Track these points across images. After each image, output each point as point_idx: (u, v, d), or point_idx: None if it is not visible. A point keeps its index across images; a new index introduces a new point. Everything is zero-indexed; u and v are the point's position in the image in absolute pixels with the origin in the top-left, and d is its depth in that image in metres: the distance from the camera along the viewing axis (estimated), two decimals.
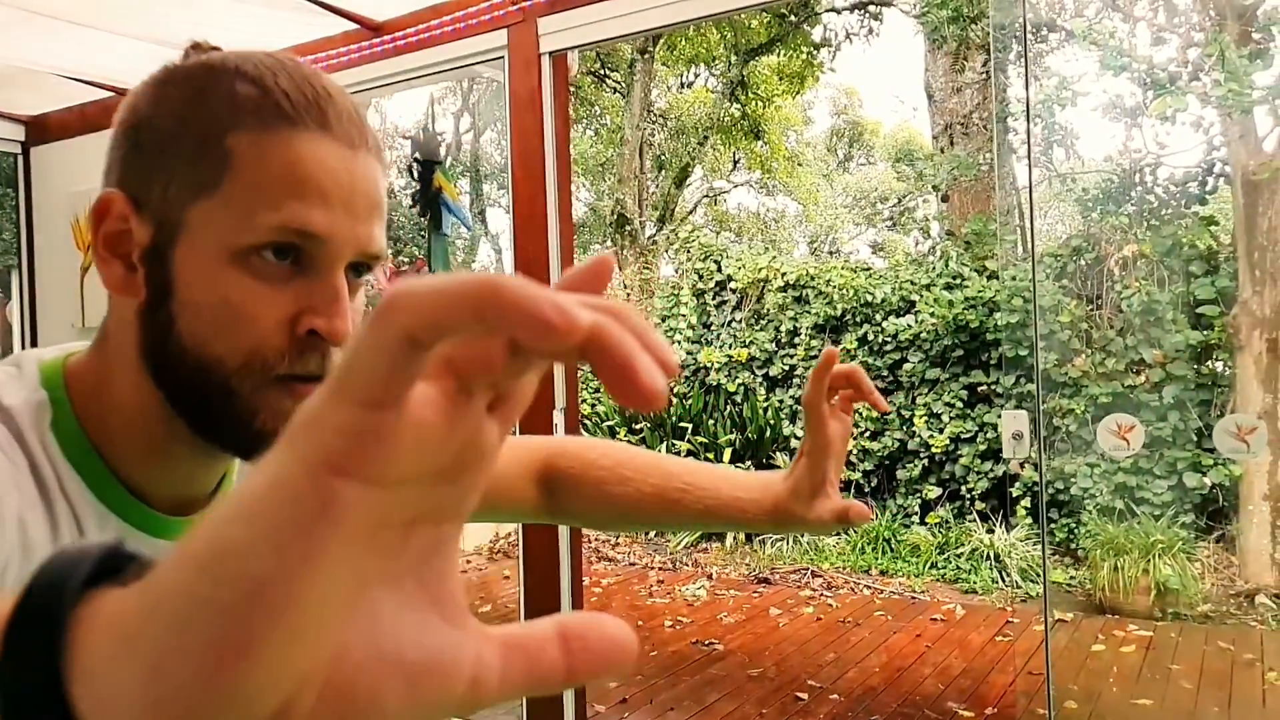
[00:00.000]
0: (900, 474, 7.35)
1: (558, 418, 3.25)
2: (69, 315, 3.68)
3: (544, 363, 0.27)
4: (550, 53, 3.29)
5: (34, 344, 3.76)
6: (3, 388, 0.62)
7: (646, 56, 12.99)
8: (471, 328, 0.22)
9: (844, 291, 7.75)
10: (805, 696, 4.37)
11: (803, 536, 7.04)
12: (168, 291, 0.61)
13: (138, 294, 0.62)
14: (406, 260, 10.89)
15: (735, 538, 7.00)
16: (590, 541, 7.32)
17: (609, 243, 14.21)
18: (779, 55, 14.26)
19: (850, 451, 7.41)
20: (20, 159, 3.85)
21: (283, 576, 0.22)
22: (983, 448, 6.94)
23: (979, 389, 7.11)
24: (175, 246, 0.60)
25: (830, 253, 16.81)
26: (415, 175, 4.30)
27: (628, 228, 12.58)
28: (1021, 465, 6.28)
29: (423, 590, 0.27)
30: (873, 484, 7.54)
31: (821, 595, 6.14)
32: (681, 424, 7.87)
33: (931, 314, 7.23)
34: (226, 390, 0.60)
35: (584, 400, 8.92)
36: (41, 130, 3.91)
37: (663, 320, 8.68)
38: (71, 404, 0.63)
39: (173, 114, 0.61)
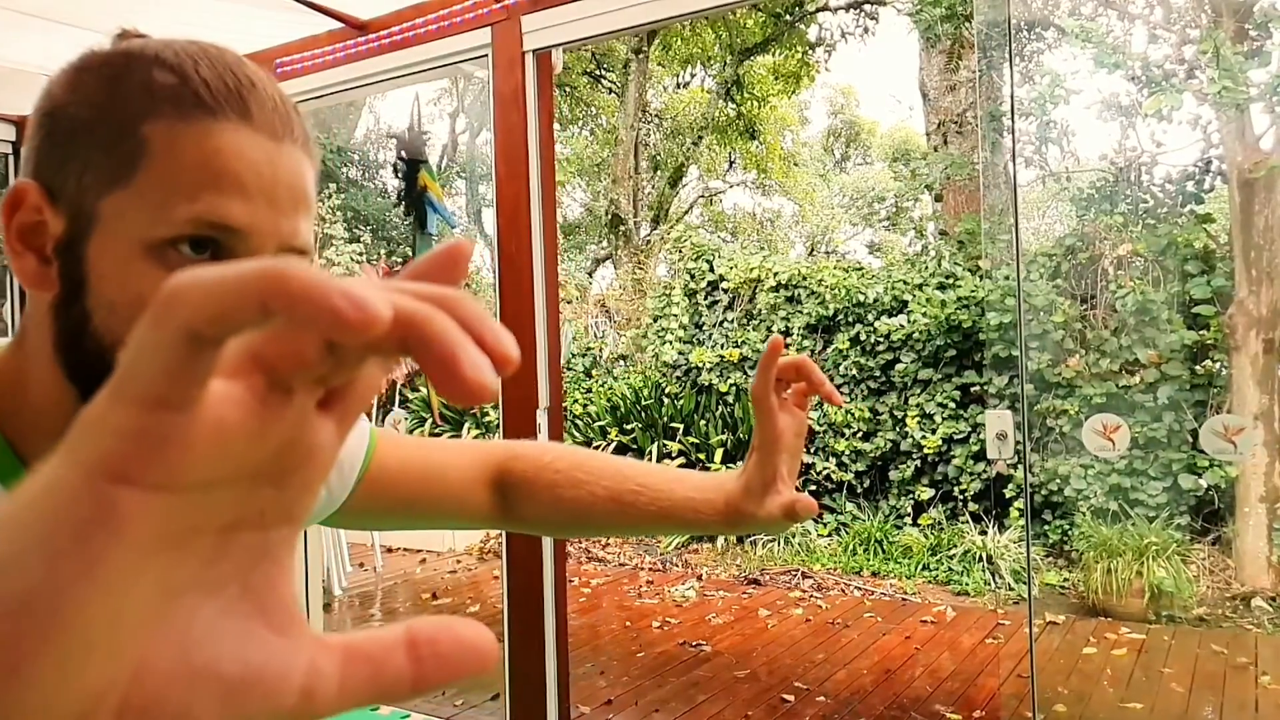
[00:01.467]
0: (893, 475, 7.33)
1: (541, 418, 3.22)
2: None
3: (378, 357, 0.25)
4: (534, 51, 3.27)
5: None
6: None
7: (641, 56, 12.97)
8: (258, 321, 0.21)
9: (836, 291, 7.73)
10: (792, 698, 4.35)
11: (793, 537, 7.02)
12: (81, 286, 0.58)
13: (52, 288, 0.59)
14: (400, 260, 10.86)
15: (726, 539, 6.98)
16: (579, 542, 7.30)
17: (603, 243, 14.18)
18: (774, 55, 14.25)
19: (842, 452, 7.41)
20: (11, 159, 3.83)
21: (54, 591, 0.21)
22: (975, 449, 6.92)
23: (972, 389, 7.09)
24: (89, 239, 0.58)
25: (827, 253, 16.79)
26: (400, 174, 4.28)
27: (622, 228, 12.55)
28: (1009, 466, 6.26)
29: (247, 599, 0.26)
30: (865, 485, 7.52)
31: (811, 596, 6.12)
32: (673, 424, 7.85)
33: (924, 314, 7.22)
34: None
35: (574, 400, 8.89)
36: None
37: (655, 320, 8.66)
38: None
39: (88, 101, 0.58)
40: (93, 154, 0.58)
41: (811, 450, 7.54)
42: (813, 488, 7.46)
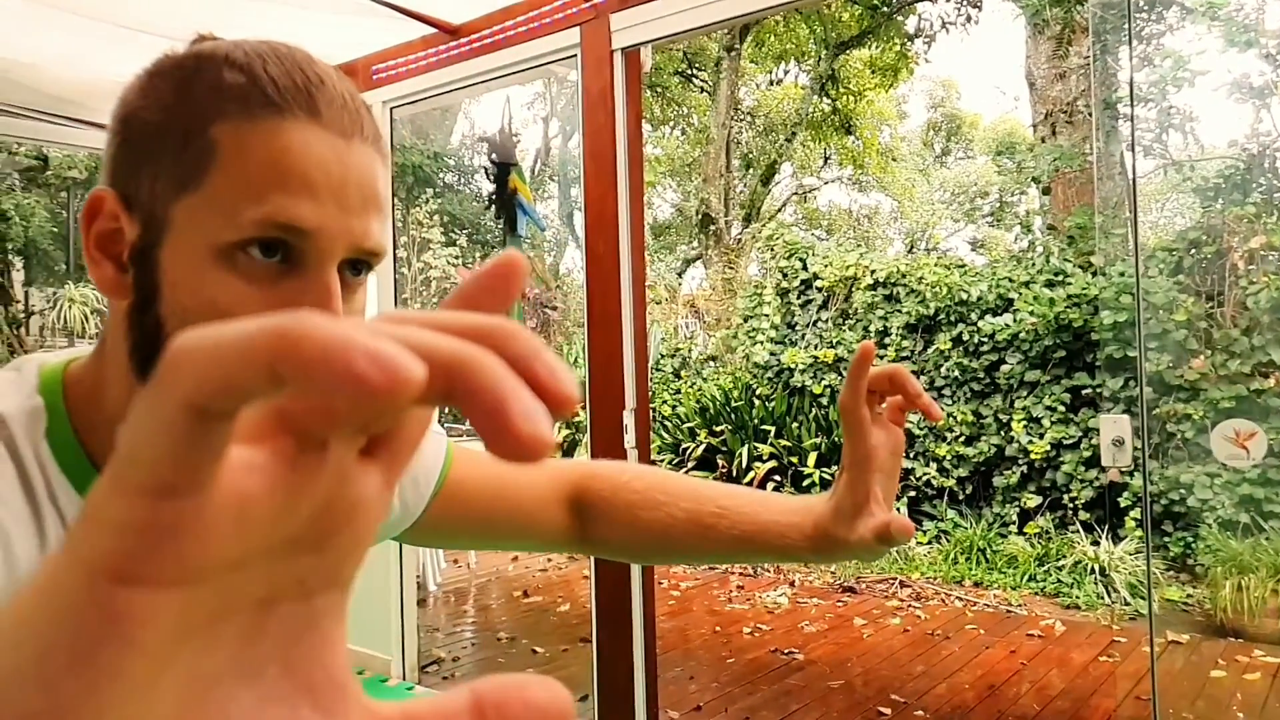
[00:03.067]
0: (997, 481, 7.04)
1: (627, 418, 3.18)
2: None
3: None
4: (622, 49, 3.23)
5: None
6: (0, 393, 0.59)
7: (733, 54, 12.83)
8: (270, 390, 0.18)
9: (937, 289, 7.46)
10: (889, 711, 4.19)
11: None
12: (155, 293, 0.58)
13: (127, 296, 0.59)
14: None
15: None
16: None
17: (694, 243, 14.10)
18: (871, 48, 13.93)
19: (943, 457, 7.15)
20: None
21: (58, 712, 0.19)
22: (1087, 454, 6.57)
23: (1083, 392, 6.74)
24: (162, 246, 0.57)
25: (927, 250, 16.32)
26: (491, 177, 4.30)
27: (712, 227, 12.45)
28: (1124, 473, 5.91)
29: (290, 677, 0.24)
30: (967, 491, 7.24)
31: (910, 606, 5.91)
32: (764, 427, 7.72)
33: (1031, 313, 6.89)
34: None
35: (663, 401, 8.84)
36: None
37: (745, 320, 8.53)
38: (68, 411, 0.61)
39: (159, 105, 0.57)
40: (164, 158, 0.57)
41: (911, 455, 7.30)
42: (912, 493, 7.22)
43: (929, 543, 6.96)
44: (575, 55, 3.33)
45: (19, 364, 0.63)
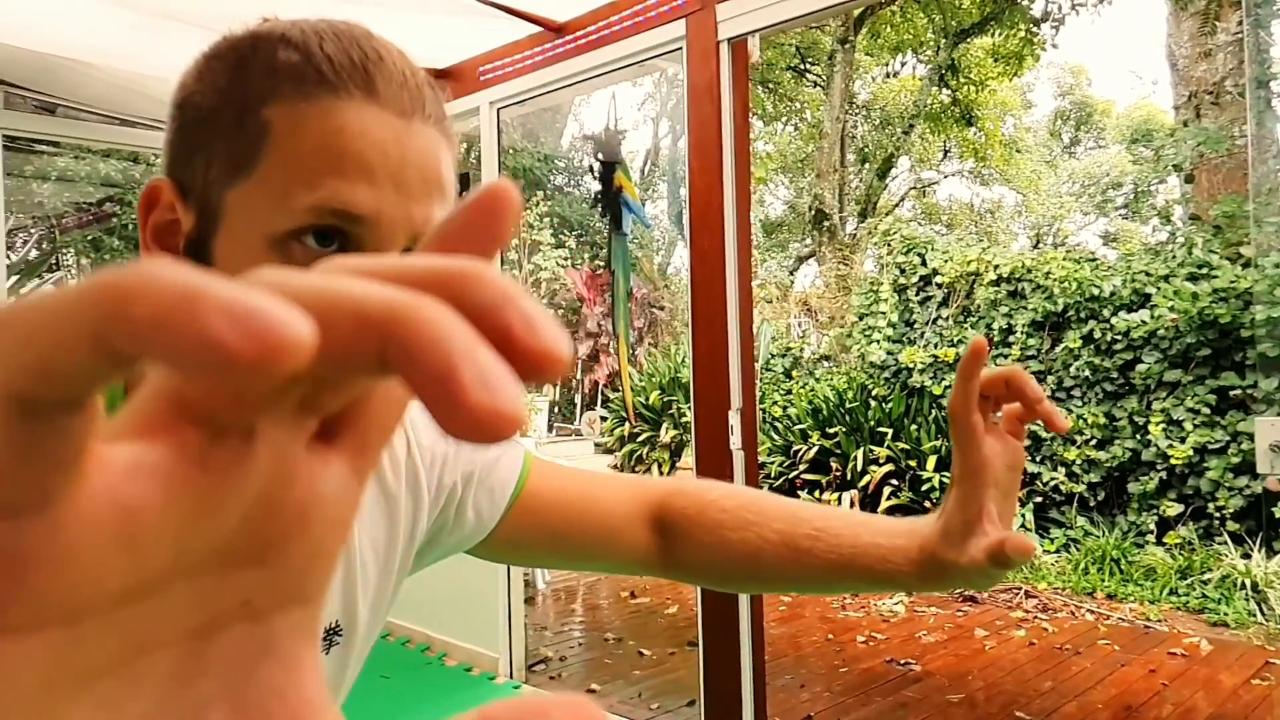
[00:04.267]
0: (1132, 487, 6.60)
1: (733, 419, 3.11)
2: None
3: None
4: (729, 40, 3.16)
5: None
6: None
7: (847, 46, 12.53)
8: (107, 370, 0.14)
9: (1065, 285, 7.06)
10: None
11: None
12: None
13: None
14: (603, 264, 11.10)
15: None
16: None
17: (807, 240, 13.85)
18: (993, 35, 13.37)
19: (1072, 461, 6.76)
20: None
21: None
22: (1236, 460, 6.08)
23: (1231, 393, 6.24)
24: (215, 236, 0.54)
25: (1055, 244, 15.57)
26: (596, 176, 4.30)
27: (826, 223, 12.18)
28: None
29: (241, 715, 0.19)
30: (1099, 498, 6.82)
31: (1036, 618, 5.60)
32: (880, 429, 7.47)
33: (1171, 308, 6.44)
34: None
35: (773, 402, 8.68)
36: None
37: (860, 318, 8.29)
38: None
39: (214, 88, 0.54)
40: (216, 144, 0.54)
41: (1036, 459, 6.94)
42: (1038, 499, 6.86)
43: (1056, 551, 6.59)
44: (680, 48, 3.28)
45: None
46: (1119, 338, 6.74)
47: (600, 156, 4.28)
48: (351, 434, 0.20)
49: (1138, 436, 6.60)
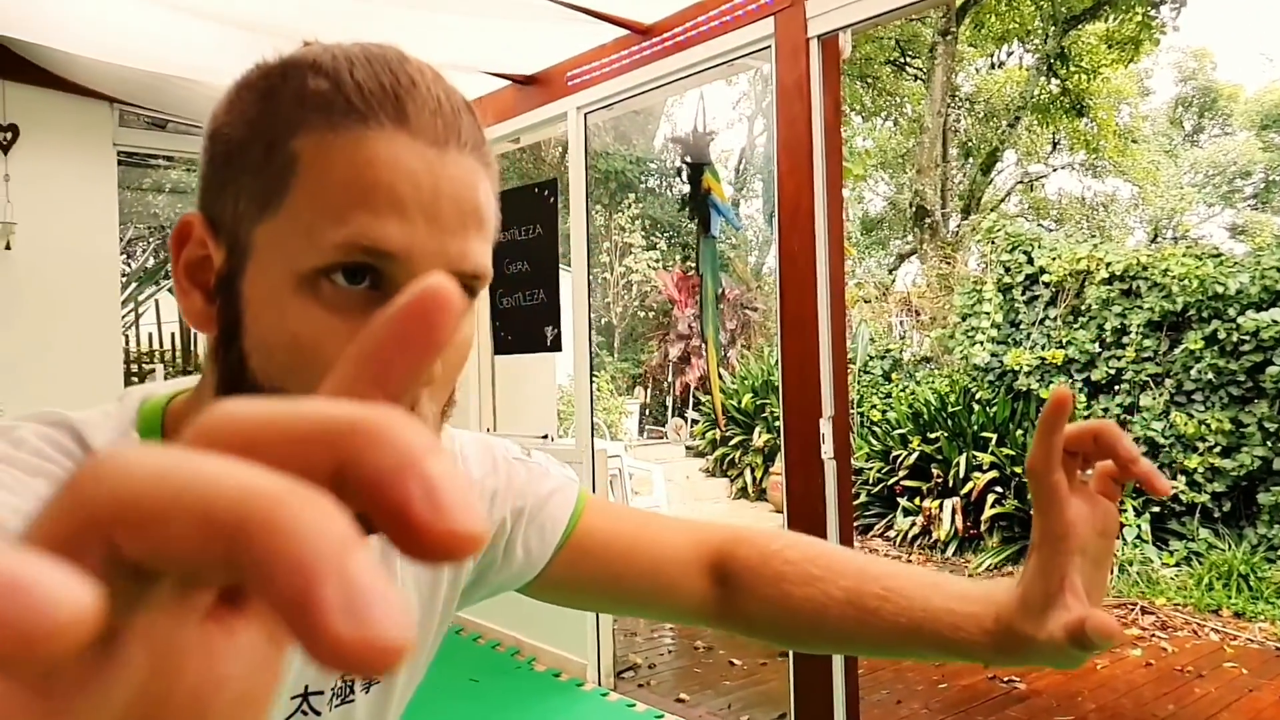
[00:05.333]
0: (1262, 498, 6.16)
1: (824, 427, 3.02)
2: None
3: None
4: (819, 36, 3.08)
5: None
6: (93, 427, 0.56)
7: (949, 38, 12.14)
8: None
9: (1186, 283, 6.64)
10: None
11: (1131, 564, 6.13)
12: (237, 326, 0.53)
13: (214, 329, 0.54)
14: (694, 267, 11.05)
15: None
16: (878, 551, 6.90)
17: (907, 237, 13.48)
18: (1107, 20, 12.74)
19: (1194, 470, 6.36)
20: None
21: None
22: None
23: None
24: (244, 274, 0.52)
25: (1174, 238, 14.75)
26: (684, 178, 4.26)
27: (927, 220, 11.83)
28: None
29: None
30: (1224, 509, 6.40)
31: (1153, 636, 5.28)
32: (984, 434, 7.19)
33: None
34: None
35: (871, 405, 8.45)
36: None
37: (963, 319, 7.99)
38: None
39: (243, 119, 0.52)
40: (245, 177, 0.52)
41: (1156, 465, 6.54)
42: (1156, 509, 6.48)
43: (1176, 565, 6.21)
44: (769, 46, 3.21)
45: (123, 395, 0.60)
46: (1246, 338, 6.31)
47: (688, 158, 4.23)
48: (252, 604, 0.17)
49: (1269, 444, 6.16)
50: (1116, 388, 7.04)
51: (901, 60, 14.63)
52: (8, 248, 3.73)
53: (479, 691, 3.73)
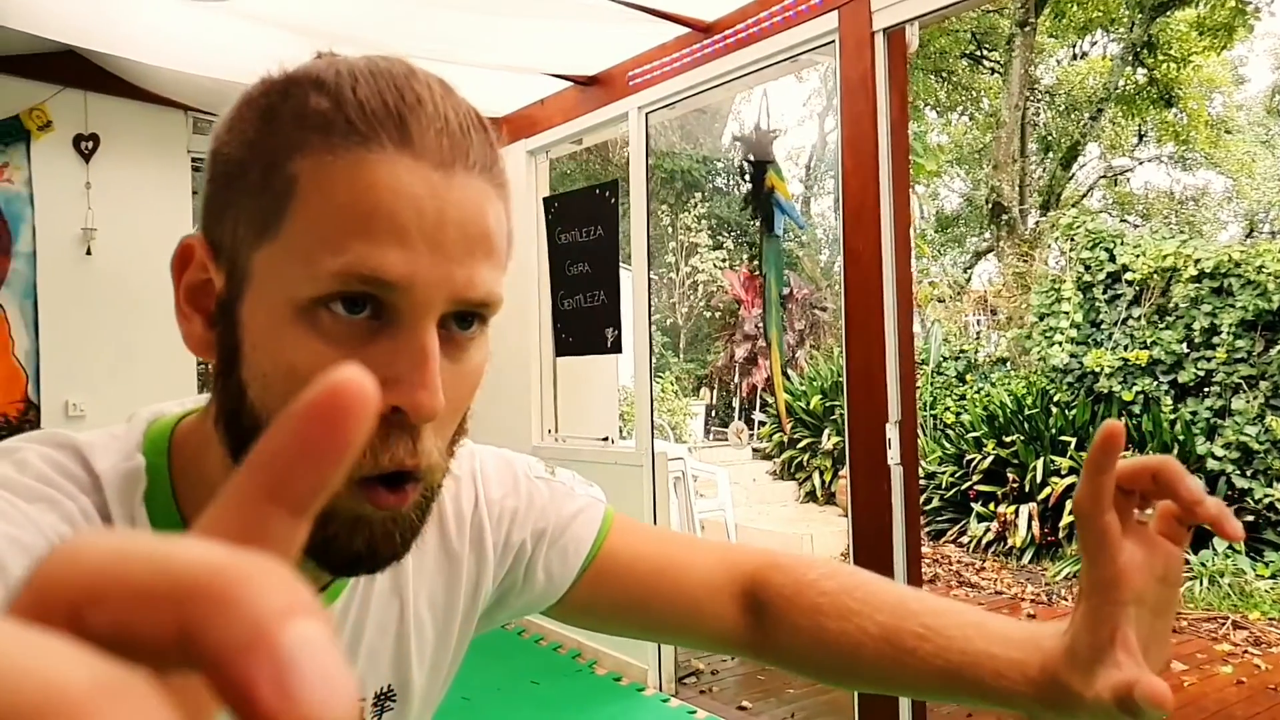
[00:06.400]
0: None
1: (891, 433, 2.93)
2: None
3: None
4: (885, 29, 3.00)
5: None
6: (99, 449, 0.54)
7: (1028, 29, 11.76)
8: None
9: None
10: None
11: (1222, 576, 5.82)
12: (236, 354, 0.50)
13: (214, 355, 0.52)
14: (759, 267, 10.93)
15: None
16: (948, 561, 6.71)
17: (984, 234, 13.11)
18: (1198, 6, 12.17)
19: None
20: None
21: None
22: None
23: None
24: (243, 300, 0.50)
25: (1271, 234, 14.05)
26: (747, 177, 4.19)
27: (1005, 217, 11.47)
28: None
29: None
30: None
31: (1246, 652, 5.01)
32: (1062, 437, 6.93)
33: None
34: None
35: (945, 407, 8.22)
36: None
37: (1041, 318, 7.72)
38: (171, 472, 0.55)
39: (243, 139, 0.50)
40: (244, 200, 0.49)
41: (1247, 472, 6.23)
42: (1249, 518, 6.15)
43: (1272, 577, 5.89)
44: (833, 41, 3.14)
45: (132, 414, 0.59)
46: None
47: (751, 157, 4.16)
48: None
49: None
50: (1206, 390, 6.72)
51: (978, 53, 14.24)
52: (88, 253, 3.87)
53: (539, 694, 3.73)
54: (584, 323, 3.98)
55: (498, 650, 4.24)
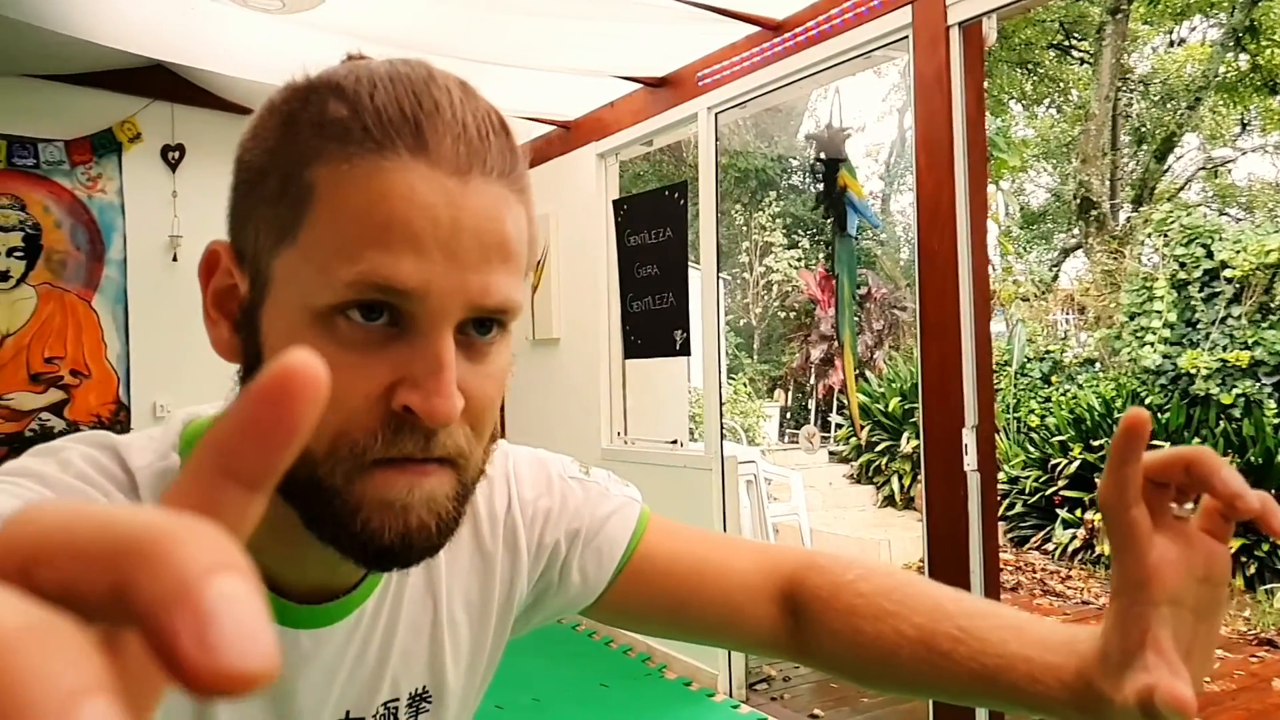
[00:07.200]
0: None
1: (967, 438, 2.84)
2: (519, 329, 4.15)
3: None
4: (960, 23, 2.91)
5: None
6: (136, 449, 0.56)
7: (1119, 17, 11.29)
8: None
9: None
10: None
11: None
12: (257, 362, 0.52)
13: (238, 360, 0.54)
14: (831, 267, 10.75)
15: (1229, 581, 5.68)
16: (1032, 569, 6.48)
17: (1072, 231, 12.65)
18: None
19: None
20: None
21: None
22: None
23: None
24: (264, 306, 0.51)
25: None
26: (819, 175, 4.12)
27: (1094, 212, 11.04)
28: None
29: None
30: None
31: None
32: (1154, 442, 6.59)
33: None
34: (316, 484, 0.49)
35: (1029, 410, 7.95)
36: None
37: (1131, 317, 7.39)
38: None
39: (264, 146, 0.51)
40: (264, 207, 0.50)
41: None
42: None
43: None
44: (906, 36, 3.06)
45: (172, 416, 0.60)
46: None
47: (823, 155, 4.09)
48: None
49: None
50: None
51: (1066, 43, 13.75)
52: (175, 259, 4.03)
53: (608, 697, 3.74)
54: (653, 325, 3.97)
55: (568, 652, 4.26)
